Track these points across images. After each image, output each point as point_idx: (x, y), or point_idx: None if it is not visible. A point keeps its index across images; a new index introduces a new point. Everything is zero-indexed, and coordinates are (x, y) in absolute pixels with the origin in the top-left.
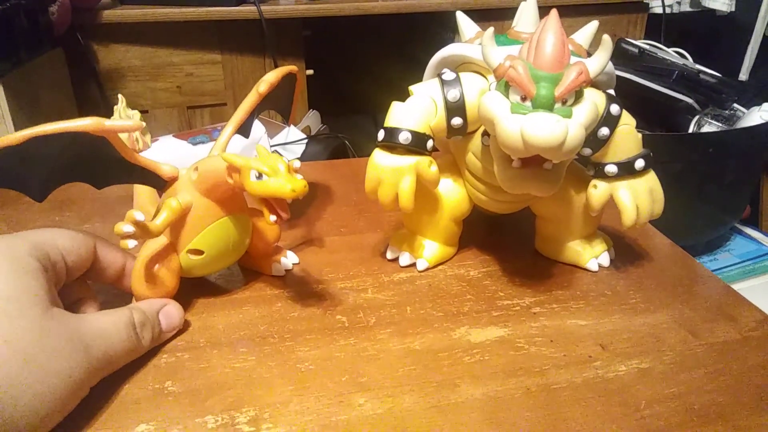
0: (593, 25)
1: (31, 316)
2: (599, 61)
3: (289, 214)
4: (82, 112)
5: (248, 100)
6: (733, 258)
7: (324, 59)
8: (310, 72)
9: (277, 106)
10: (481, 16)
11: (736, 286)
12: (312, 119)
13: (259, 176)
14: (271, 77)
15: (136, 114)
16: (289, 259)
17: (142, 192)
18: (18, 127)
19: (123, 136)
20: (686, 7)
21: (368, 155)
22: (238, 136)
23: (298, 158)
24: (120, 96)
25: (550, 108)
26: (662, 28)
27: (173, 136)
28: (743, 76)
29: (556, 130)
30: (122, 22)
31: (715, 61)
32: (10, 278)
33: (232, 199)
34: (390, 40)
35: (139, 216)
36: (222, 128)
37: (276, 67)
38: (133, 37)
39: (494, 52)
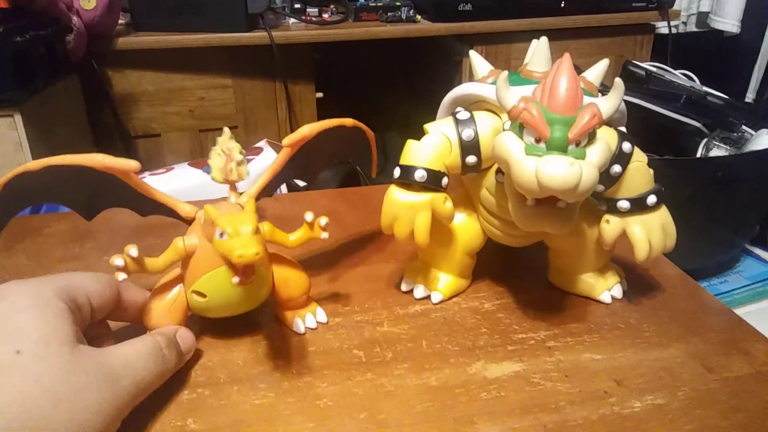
0: (604, 63)
1: (58, 356)
2: (612, 104)
3: (249, 279)
4: (97, 136)
5: (280, 155)
6: (744, 280)
7: (334, 82)
8: (319, 95)
9: (357, 159)
10: (485, 39)
11: (746, 309)
12: None
13: (222, 234)
14: (305, 131)
15: (237, 146)
16: (316, 317)
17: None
18: (34, 153)
19: (219, 164)
20: (692, 28)
21: (377, 177)
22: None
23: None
24: (226, 128)
25: (564, 150)
26: (669, 49)
27: (188, 164)
28: (750, 95)
29: (570, 172)
30: (136, 49)
31: (721, 82)
32: (38, 320)
33: None
34: (398, 63)
35: (132, 252)
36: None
37: (287, 90)
38: (146, 63)
39: (509, 94)
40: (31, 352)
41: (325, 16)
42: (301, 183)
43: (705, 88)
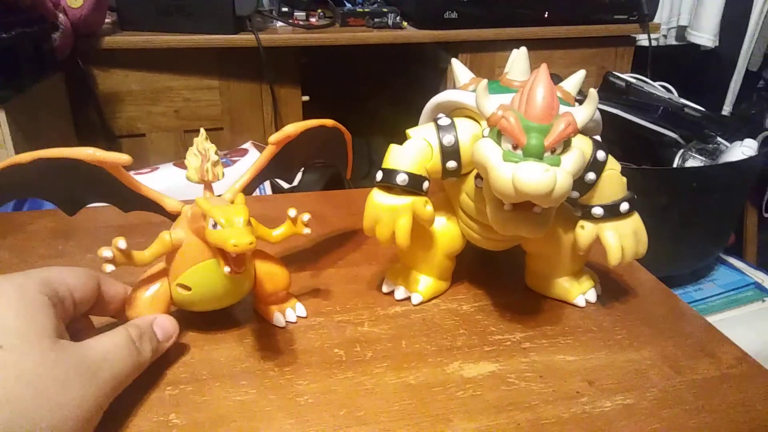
0: (581, 74)
1: (40, 350)
2: (586, 113)
3: (240, 269)
4: (81, 135)
5: (265, 152)
6: (717, 288)
7: (320, 86)
8: (306, 98)
9: (334, 160)
10: (470, 47)
11: (719, 317)
12: None
13: (215, 225)
14: (289, 129)
15: (213, 147)
16: (296, 311)
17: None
18: (18, 150)
19: (195, 164)
20: (672, 41)
21: (362, 181)
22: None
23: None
24: (201, 129)
25: (539, 157)
26: (649, 61)
27: (173, 164)
28: (726, 108)
29: (545, 178)
30: (122, 48)
31: (699, 94)
32: (20, 314)
33: None
34: (384, 69)
35: (121, 244)
36: (223, 158)
37: (273, 93)
38: (132, 63)
39: (488, 102)
40: (13, 347)
41: (313, 20)
42: (285, 185)
43: (683, 101)
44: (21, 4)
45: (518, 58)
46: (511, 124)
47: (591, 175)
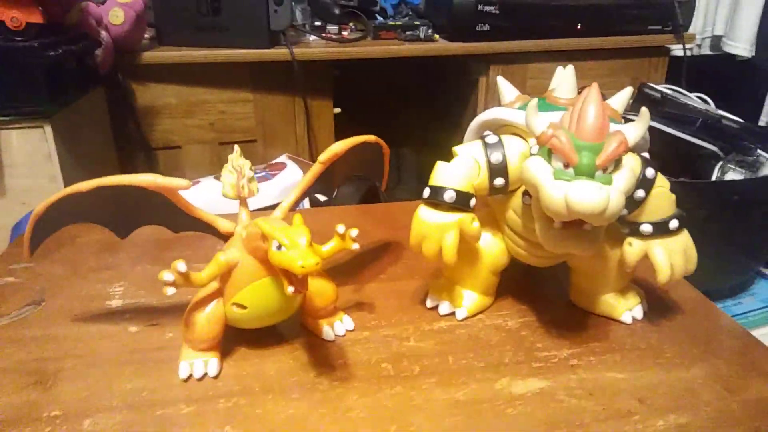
0: (627, 91)
1: None
2: (638, 132)
3: (305, 289)
4: (119, 148)
5: (312, 170)
6: (757, 302)
7: (352, 98)
8: (337, 110)
9: (371, 173)
10: (502, 59)
11: (760, 331)
12: None
13: (279, 247)
14: (336, 148)
15: (247, 163)
16: (343, 324)
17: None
18: (63, 164)
19: (231, 181)
20: (706, 50)
21: (391, 192)
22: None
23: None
24: (236, 146)
25: (591, 175)
26: (683, 71)
27: (214, 177)
28: (763, 119)
29: (599, 197)
30: (160, 63)
31: (735, 105)
32: None
33: None
34: (415, 81)
35: (181, 267)
36: (262, 172)
37: (306, 105)
38: (169, 77)
39: (538, 120)
40: None
41: (345, 33)
42: (321, 198)
43: (720, 112)
44: (67, 23)
45: (565, 76)
46: (563, 143)
47: (640, 193)
